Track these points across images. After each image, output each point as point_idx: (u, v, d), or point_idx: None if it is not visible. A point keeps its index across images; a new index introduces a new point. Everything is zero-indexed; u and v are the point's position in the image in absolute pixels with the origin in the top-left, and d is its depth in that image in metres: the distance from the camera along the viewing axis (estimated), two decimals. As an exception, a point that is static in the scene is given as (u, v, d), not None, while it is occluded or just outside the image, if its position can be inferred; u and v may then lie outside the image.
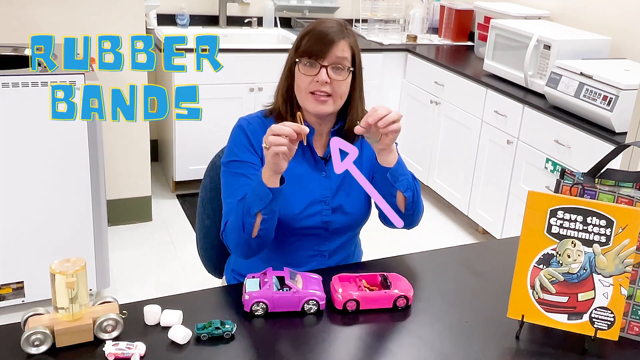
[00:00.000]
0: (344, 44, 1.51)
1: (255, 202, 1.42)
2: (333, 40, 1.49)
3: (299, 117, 1.44)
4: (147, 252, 3.19)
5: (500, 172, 3.28)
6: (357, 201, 1.62)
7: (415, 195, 1.55)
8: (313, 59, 1.50)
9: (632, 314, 1.35)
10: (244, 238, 1.46)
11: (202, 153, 3.58)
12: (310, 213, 1.57)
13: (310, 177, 1.59)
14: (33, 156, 2.42)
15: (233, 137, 1.61)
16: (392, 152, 1.49)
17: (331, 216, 1.59)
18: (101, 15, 3.03)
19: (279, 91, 1.60)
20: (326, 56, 1.49)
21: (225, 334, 1.26)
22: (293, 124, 1.35)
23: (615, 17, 3.29)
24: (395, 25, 4.42)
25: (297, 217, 1.56)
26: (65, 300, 1.19)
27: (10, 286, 2.56)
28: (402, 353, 1.27)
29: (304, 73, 1.51)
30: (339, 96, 1.53)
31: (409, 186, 1.52)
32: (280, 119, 1.57)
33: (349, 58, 1.52)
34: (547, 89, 2.97)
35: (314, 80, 1.50)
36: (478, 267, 1.62)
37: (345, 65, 1.51)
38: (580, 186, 1.33)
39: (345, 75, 1.52)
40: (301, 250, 1.62)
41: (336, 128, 1.60)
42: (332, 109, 1.54)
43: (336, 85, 1.51)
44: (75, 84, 2.40)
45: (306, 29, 1.55)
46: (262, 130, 1.58)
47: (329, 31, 1.50)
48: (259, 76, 3.64)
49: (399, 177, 1.50)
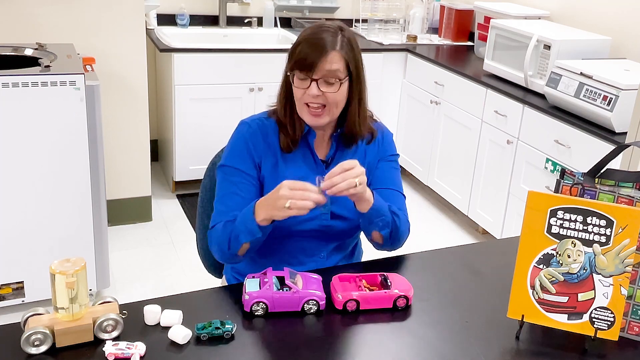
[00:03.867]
0: (335, 55, 1.47)
1: (244, 234, 1.45)
2: (323, 51, 1.46)
3: (318, 180, 1.40)
4: (147, 252, 3.19)
5: (500, 172, 3.28)
6: None
7: (394, 231, 1.56)
8: (304, 73, 1.48)
9: (632, 314, 1.35)
10: (227, 255, 1.52)
11: (202, 153, 3.59)
12: (309, 217, 1.56)
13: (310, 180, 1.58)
14: (33, 156, 2.42)
15: (233, 141, 1.60)
16: (364, 200, 1.46)
17: (330, 220, 1.59)
18: (101, 15, 3.03)
19: (279, 96, 1.60)
20: (316, 69, 1.46)
21: (225, 334, 1.26)
22: (315, 196, 1.35)
23: (615, 17, 3.29)
24: (395, 25, 4.42)
25: (296, 221, 1.55)
26: (65, 300, 1.18)
27: (10, 286, 2.56)
28: (402, 353, 1.27)
29: (297, 86, 1.51)
30: (334, 106, 1.51)
31: (385, 225, 1.53)
32: (281, 123, 1.58)
33: (342, 68, 1.49)
34: (547, 89, 2.97)
35: (306, 93, 1.49)
36: (478, 267, 1.62)
37: (338, 77, 1.48)
38: (580, 186, 1.33)
39: (337, 87, 1.49)
40: (299, 252, 1.62)
41: (338, 133, 1.60)
42: (328, 119, 1.53)
43: (329, 97, 1.49)
44: (75, 84, 2.40)
45: (300, 37, 1.52)
46: (262, 133, 1.58)
47: (319, 42, 1.47)
48: (259, 76, 3.65)
49: (373, 220, 1.51)
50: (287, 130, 1.57)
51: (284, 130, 1.57)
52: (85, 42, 3.02)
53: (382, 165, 1.66)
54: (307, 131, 1.58)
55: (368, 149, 1.64)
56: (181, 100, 3.55)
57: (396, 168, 1.68)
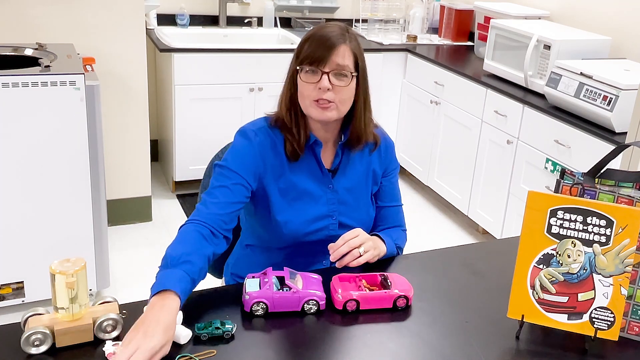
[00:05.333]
0: (345, 48, 1.47)
1: (155, 284, 1.30)
2: (334, 45, 1.45)
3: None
4: (147, 252, 3.19)
5: (500, 172, 3.28)
6: (363, 214, 1.62)
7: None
8: (314, 65, 1.46)
9: (632, 314, 1.35)
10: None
11: (202, 153, 3.59)
12: (316, 228, 1.56)
13: (317, 191, 1.58)
14: (33, 156, 2.42)
15: (236, 147, 1.54)
16: (376, 257, 1.54)
17: (337, 230, 1.58)
18: (101, 15, 3.03)
19: (282, 100, 1.56)
20: (327, 62, 1.45)
21: (225, 334, 1.26)
22: None
23: (615, 17, 3.29)
24: (395, 25, 4.42)
25: (303, 232, 1.55)
26: (65, 300, 1.18)
27: (10, 286, 2.56)
28: (402, 353, 1.27)
29: (305, 81, 1.47)
30: (343, 102, 1.49)
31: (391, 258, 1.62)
32: (285, 129, 1.54)
33: (352, 64, 1.48)
34: (547, 89, 2.97)
35: (317, 88, 1.46)
36: (478, 267, 1.62)
37: (348, 72, 1.47)
38: (580, 186, 1.33)
39: (347, 82, 1.47)
40: (301, 257, 1.61)
41: (343, 141, 1.57)
42: (337, 115, 1.50)
43: (339, 91, 1.47)
44: (75, 84, 2.40)
45: (307, 35, 1.51)
46: (271, 142, 1.53)
47: (329, 36, 1.46)
48: (259, 76, 3.64)
49: None
50: (292, 135, 1.53)
51: (289, 137, 1.53)
52: (85, 42, 3.02)
53: (386, 182, 1.68)
54: (313, 142, 1.55)
55: (372, 156, 1.63)
56: (181, 100, 3.55)
57: (397, 179, 1.70)
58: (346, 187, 1.60)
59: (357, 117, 1.55)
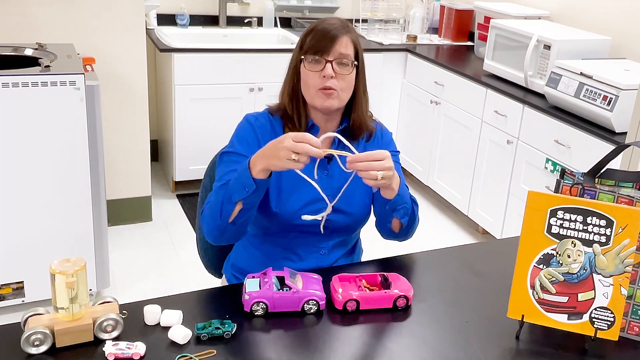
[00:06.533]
0: (347, 39, 1.54)
1: (238, 190, 1.42)
2: (336, 35, 1.53)
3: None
4: (147, 252, 3.19)
5: (500, 172, 3.28)
6: (359, 202, 1.62)
7: (411, 220, 1.58)
8: (318, 54, 1.53)
9: (632, 314, 1.35)
10: (218, 224, 1.47)
11: (202, 153, 3.59)
12: (309, 211, 1.57)
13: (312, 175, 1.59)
14: (33, 156, 2.42)
15: (238, 130, 1.62)
16: (390, 189, 1.47)
17: (331, 215, 1.59)
18: (101, 15, 3.03)
19: (284, 91, 1.62)
20: (330, 51, 1.52)
21: (225, 334, 1.26)
22: (315, 150, 1.32)
23: (615, 17, 3.29)
24: (395, 25, 4.42)
25: (296, 214, 1.56)
26: (65, 300, 1.18)
27: (10, 286, 2.56)
28: (402, 353, 1.27)
29: (309, 69, 1.54)
30: (345, 90, 1.56)
31: (406, 213, 1.55)
32: (286, 118, 1.60)
33: (352, 54, 1.55)
34: (547, 89, 2.97)
35: (321, 76, 1.52)
36: (478, 267, 1.62)
37: (350, 61, 1.54)
38: (580, 186, 1.33)
39: (349, 70, 1.55)
40: (300, 246, 1.62)
41: (340, 129, 1.62)
42: (338, 103, 1.56)
43: (342, 79, 1.54)
44: (75, 84, 2.40)
45: (309, 27, 1.58)
46: (270, 127, 1.61)
47: (331, 28, 1.54)
48: (259, 76, 3.65)
49: (397, 207, 1.52)
50: (293, 122, 1.60)
51: (289, 124, 1.60)
52: (85, 42, 3.02)
53: None
54: (310, 126, 1.60)
55: (368, 146, 1.65)
56: (181, 100, 3.55)
57: (399, 164, 1.70)
58: (342, 173, 1.60)
59: (358, 105, 1.61)
